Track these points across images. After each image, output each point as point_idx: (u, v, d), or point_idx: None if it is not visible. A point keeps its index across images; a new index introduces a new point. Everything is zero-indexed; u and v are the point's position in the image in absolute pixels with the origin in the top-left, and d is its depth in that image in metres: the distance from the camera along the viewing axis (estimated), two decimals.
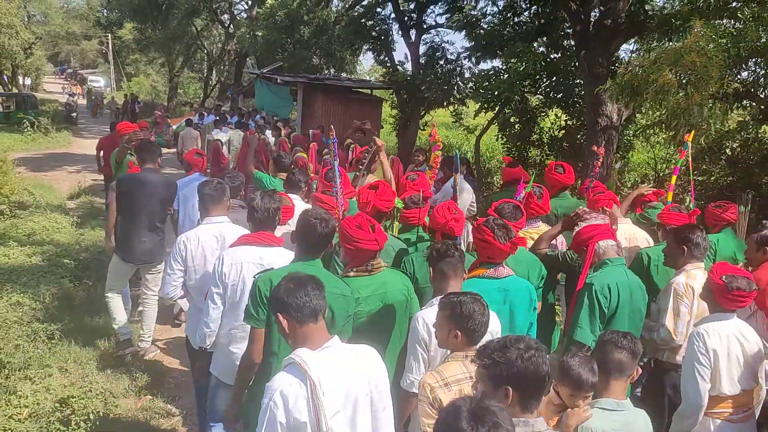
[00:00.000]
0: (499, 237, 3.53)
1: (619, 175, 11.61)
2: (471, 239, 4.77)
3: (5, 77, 37.40)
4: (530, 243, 4.61)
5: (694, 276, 3.99)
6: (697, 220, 4.88)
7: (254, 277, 3.31)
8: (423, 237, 4.42)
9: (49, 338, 5.76)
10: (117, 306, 5.91)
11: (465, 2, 15.97)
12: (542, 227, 5.05)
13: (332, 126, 6.08)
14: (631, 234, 5.16)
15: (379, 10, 17.70)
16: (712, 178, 10.36)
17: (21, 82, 41.95)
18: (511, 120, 13.42)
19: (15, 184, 12.38)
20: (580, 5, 10.40)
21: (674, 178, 6.00)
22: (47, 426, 4.33)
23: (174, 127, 15.22)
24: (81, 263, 8.04)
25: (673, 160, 11.19)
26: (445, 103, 16.31)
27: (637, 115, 10.74)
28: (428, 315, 3.11)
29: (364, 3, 19.08)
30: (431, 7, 16.95)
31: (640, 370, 3.20)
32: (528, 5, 13.81)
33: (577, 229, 4.24)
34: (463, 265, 3.38)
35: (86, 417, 4.42)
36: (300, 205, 5.14)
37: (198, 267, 4.25)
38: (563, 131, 12.87)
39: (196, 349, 4.05)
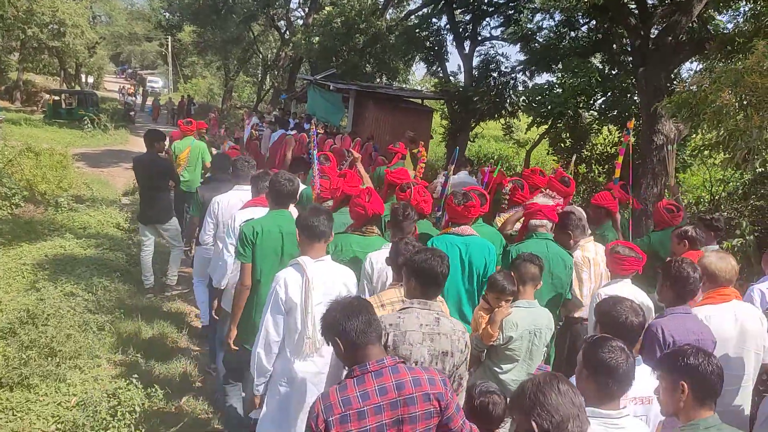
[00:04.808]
0: (456, 201, 4.48)
1: (673, 196, 11.30)
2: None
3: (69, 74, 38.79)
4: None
5: (586, 248, 4.90)
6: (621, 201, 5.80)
7: (240, 225, 4.28)
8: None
9: (100, 329, 5.94)
10: (146, 263, 7.55)
11: (521, 15, 15.87)
12: (520, 212, 5.82)
13: (313, 122, 7.39)
14: None
15: (434, 20, 17.71)
16: None
17: (84, 80, 43.37)
18: (563, 135, 13.24)
19: (74, 178, 12.82)
20: (640, 21, 10.20)
21: (620, 158, 6.39)
22: (94, 415, 4.42)
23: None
24: (132, 258, 8.27)
25: (732, 182, 10.86)
26: (496, 116, 16.21)
27: (694, 135, 10.46)
28: (375, 256, 4.05)
29: (419, 13, 19.14)
30: (486, 19, 16.90)
31: (541, 282, 3.97)
32: (586, 20, 13.64)
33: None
34: (414, 224, 4.43)
35: (132, 409, 4.52)
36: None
37: (226, 221, 5.14)
38: (615, 148, 12.62)
39: (214, 288, 5.11)
